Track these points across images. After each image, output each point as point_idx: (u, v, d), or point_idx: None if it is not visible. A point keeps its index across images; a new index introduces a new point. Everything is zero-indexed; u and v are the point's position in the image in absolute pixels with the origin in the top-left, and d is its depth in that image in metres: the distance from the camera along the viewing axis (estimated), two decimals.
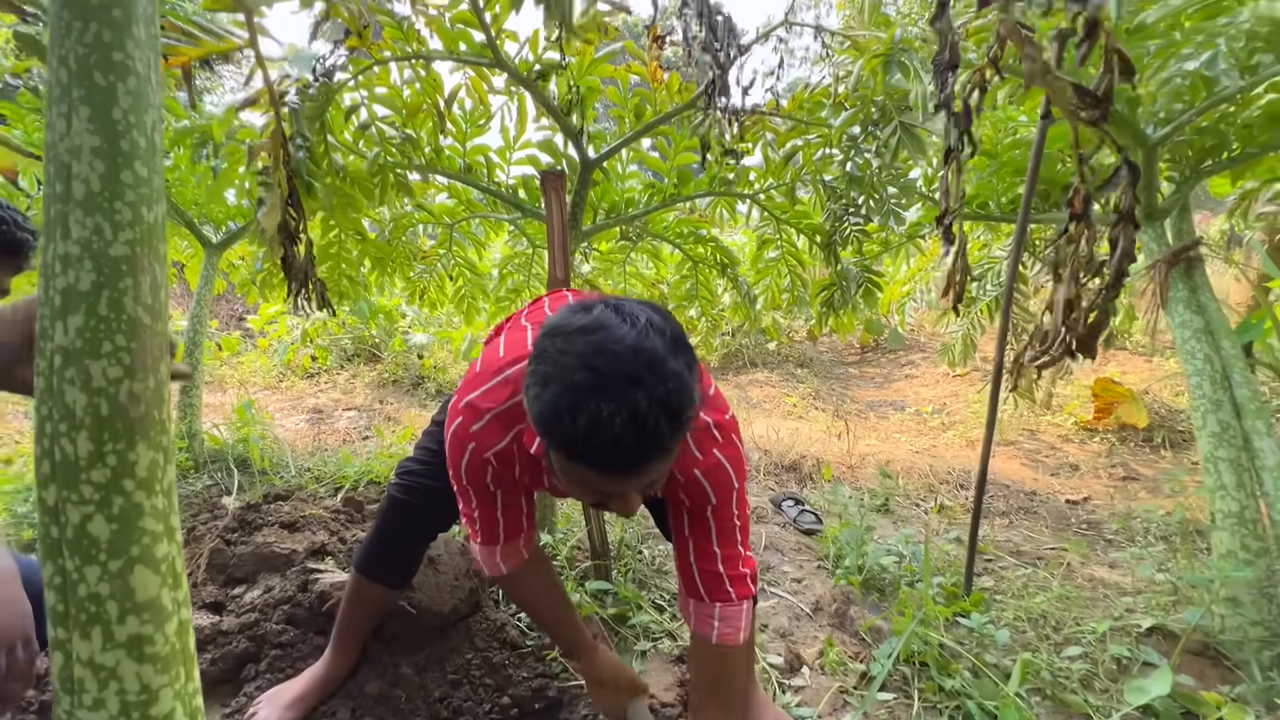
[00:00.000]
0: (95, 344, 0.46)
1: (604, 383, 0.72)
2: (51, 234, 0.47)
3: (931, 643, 1.42)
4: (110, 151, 0.48)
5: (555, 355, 0.75)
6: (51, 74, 0.49)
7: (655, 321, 0.77)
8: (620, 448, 0.73)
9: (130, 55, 0.50)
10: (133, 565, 0.46)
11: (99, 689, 0.45)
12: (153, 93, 0.52)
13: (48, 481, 0.46)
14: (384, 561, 1.35)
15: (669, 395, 0.73)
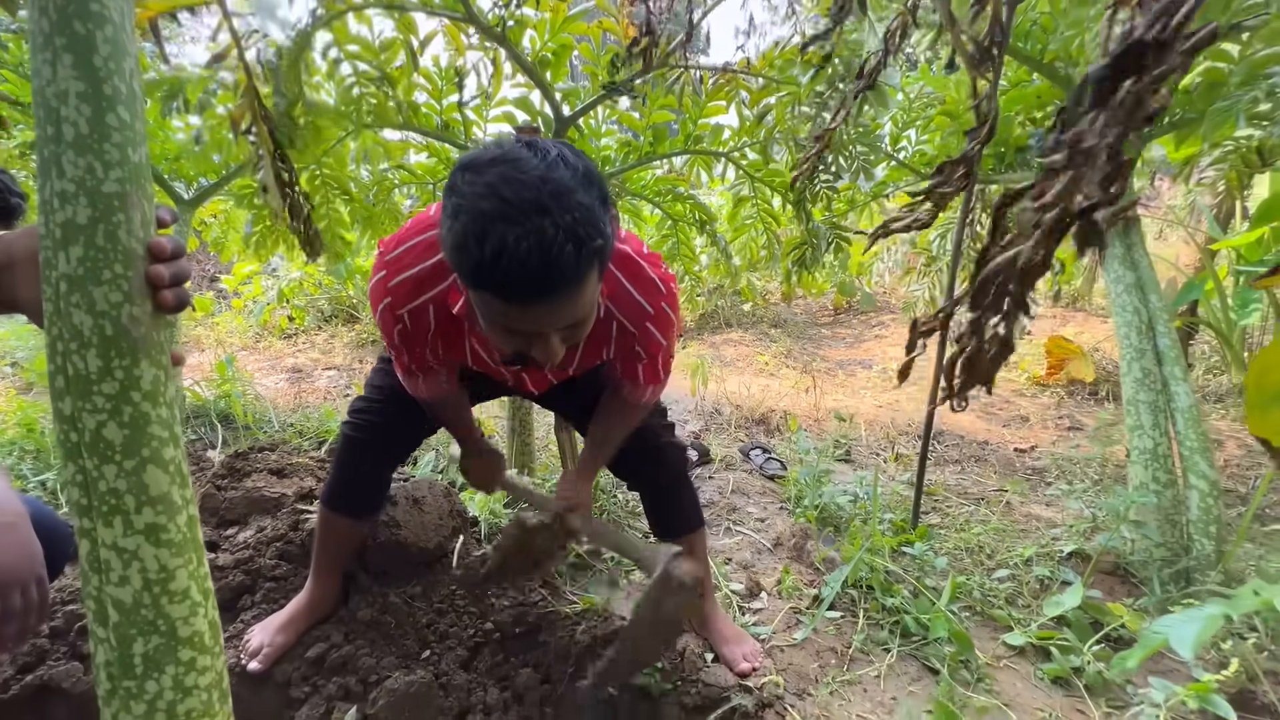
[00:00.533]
0: (96, 272, 0.52)
1: (510, 210, 0.72)
2: (47, 173, 0.52)
3: (877, 568, 1.55)
4: (94, 96, 0.53)
5: (465, 187, 0.76)
6: (33, 23, 0.54)
7: (566, 156, 0.79)
8: (527, 273, 0.74)
9: (105, 5, 0.54)
10: (145, 465, 0.54)
11: (123, 568, 0.53)
12: (129, 41, 0.57)
13: (63, 394, 0.52)
14: (345, 495, 1.43)
15: (575, 224, 0.74)
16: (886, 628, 1.45)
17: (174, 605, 0.55)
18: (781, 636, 1.46)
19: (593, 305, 0.89)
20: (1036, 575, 1.59)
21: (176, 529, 0.56)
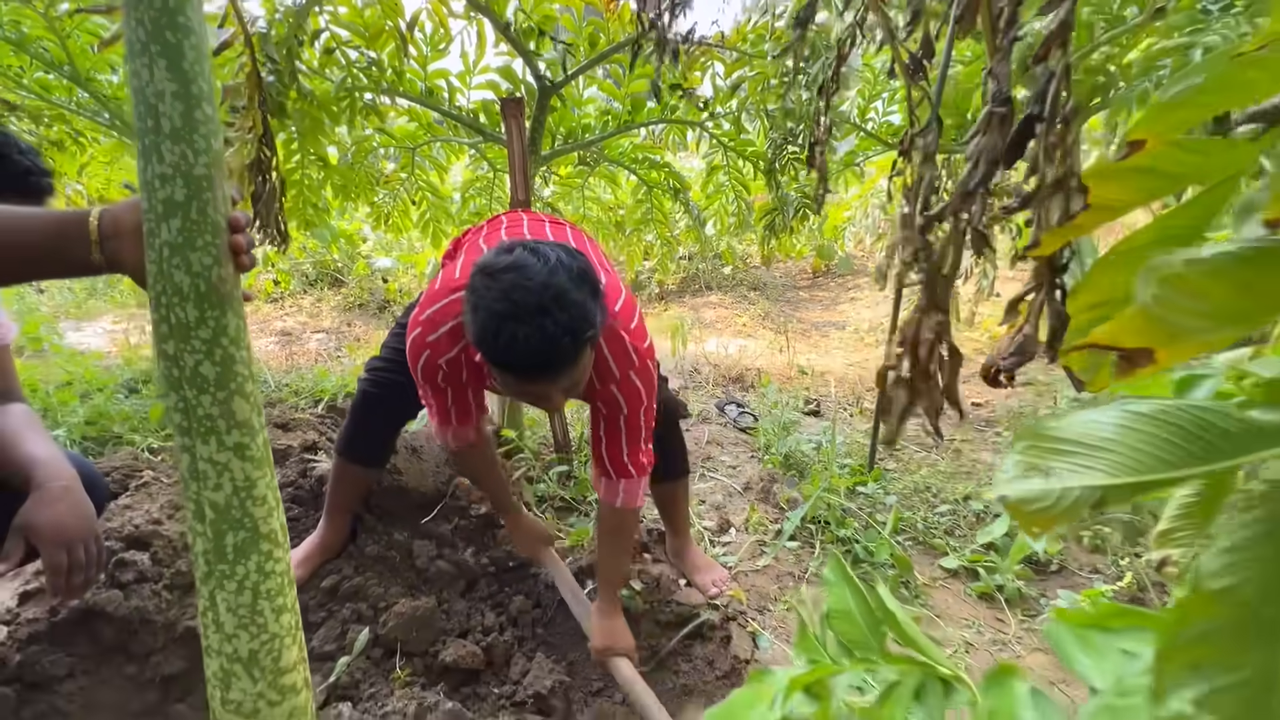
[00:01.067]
0: (191, 240, 0.64)
1: (519, 311, 0.94)
2: (149, 158, 0.64)
3: (833, 505, 1.75)
4: (185, 95, 0.65)
5: (482, 289, 0.97)
6: (130, 32, 0.65)
7: (564, 260, 0.99)
8: (534, 360, 0.96)
9: (189, 17, 0.66)
10: (232, 396, 0.67)
11: (217, 477, 0.67)
12: (205, 46, 0.68)
13: (166, 338, 0.65)
14: (359, 445, 1.59)
15: (571, 321, 0.95)
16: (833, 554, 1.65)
17: (256, 507, 0.69)
18: (746, 564, 1.66)
19: (587, 370, 1.10)
20: (973, 510, 1.80)
21: (256, 448, 0.70)
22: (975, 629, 1.45)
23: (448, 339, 1.23)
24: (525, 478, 1.96)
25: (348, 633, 1.48)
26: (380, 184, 2.80)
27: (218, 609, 0.68)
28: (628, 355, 1.23)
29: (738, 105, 2.34)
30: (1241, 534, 0.27)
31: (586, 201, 3.12)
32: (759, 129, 2.42)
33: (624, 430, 1.29)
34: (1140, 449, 0.28)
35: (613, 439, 1.29)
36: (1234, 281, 0.25)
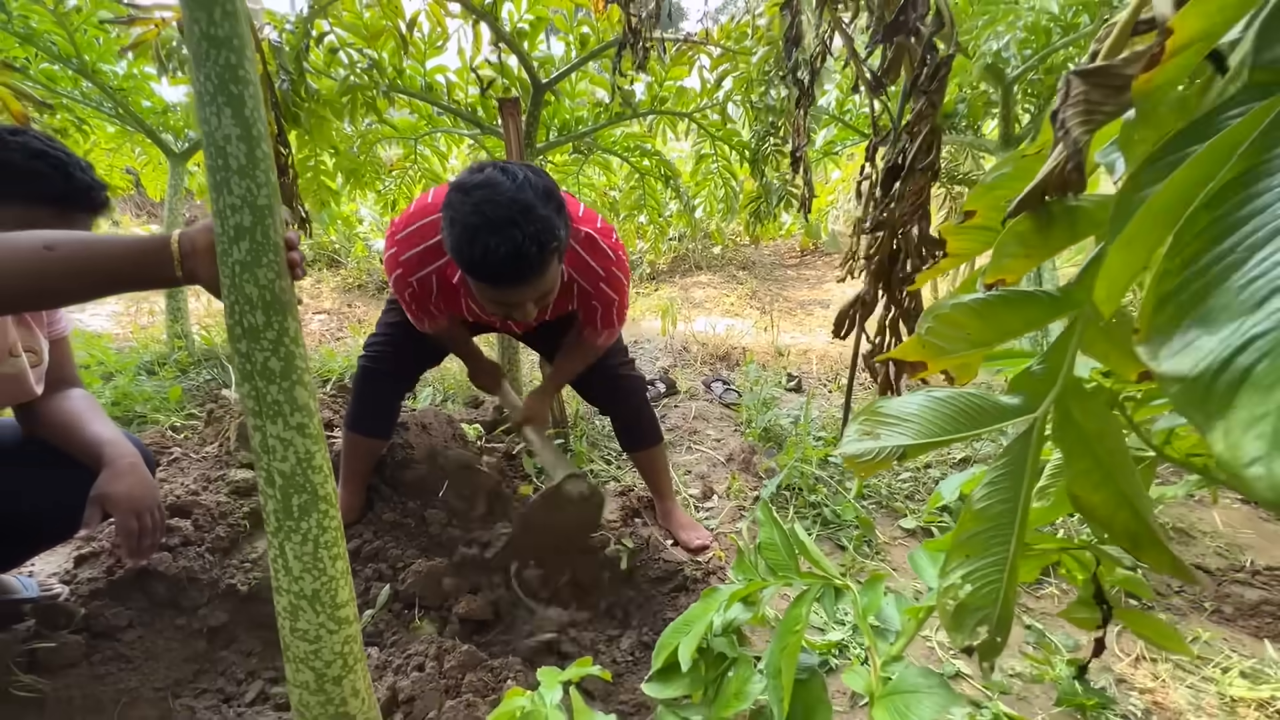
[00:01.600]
0: (258, 258, 0.79)
1: (490, 223, 1.04)
2: (220, 190, 0.78)
3: (806, 474, 1.93)
4: (247, 137, 0.78)
5: (457, 204, 1.09)
6: (198, 84, 0.78)
7: (530, 178, 1.11)
8: (504, 267, 1.06)
9: (247, 70, 0.79)
10: (294, 385, 0.82)
11: (283, 450, 0.83)
12: (259, 94, 0.82)
13: (240, 338, 0.80)
14: (365, 418, 1.75)
15: (538, 232, 1.07)
16: (810, 517, 1.84)
17: (315, 475, 0.85)
18: (726, 526, 1.84)
19: (555, 281, 1.24)
20: (933, 476, 1.99)
21: (313, 427, 0.85)
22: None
23: (419, 258, 1.38)
24: (526, 451, 2.13)
25: (370, 590, 1.66)
26: (385, 172, 2.91)
27: (286, 556, 0.85)
28: (605, 253, 1.43)
29: (724, 97, 2.46)
30: (993, 475, 0.44)
31: (581, 187, 3.24)
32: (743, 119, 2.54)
33: (614, 312, 1.52)
34: (933, 421, 0.44)
35: (606, 315, 1.52)
36: (978, 319, 0.40)
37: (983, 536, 0.43)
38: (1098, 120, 0.28)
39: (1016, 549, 0.42)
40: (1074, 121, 0.28)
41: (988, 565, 0.43)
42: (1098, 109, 0.28)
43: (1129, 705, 1.27)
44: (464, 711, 1.29)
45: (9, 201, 1.13)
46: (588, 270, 1.42)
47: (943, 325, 0.41)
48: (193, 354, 2.86)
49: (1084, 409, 0.42)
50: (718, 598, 0.63)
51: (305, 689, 0.89)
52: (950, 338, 0.42)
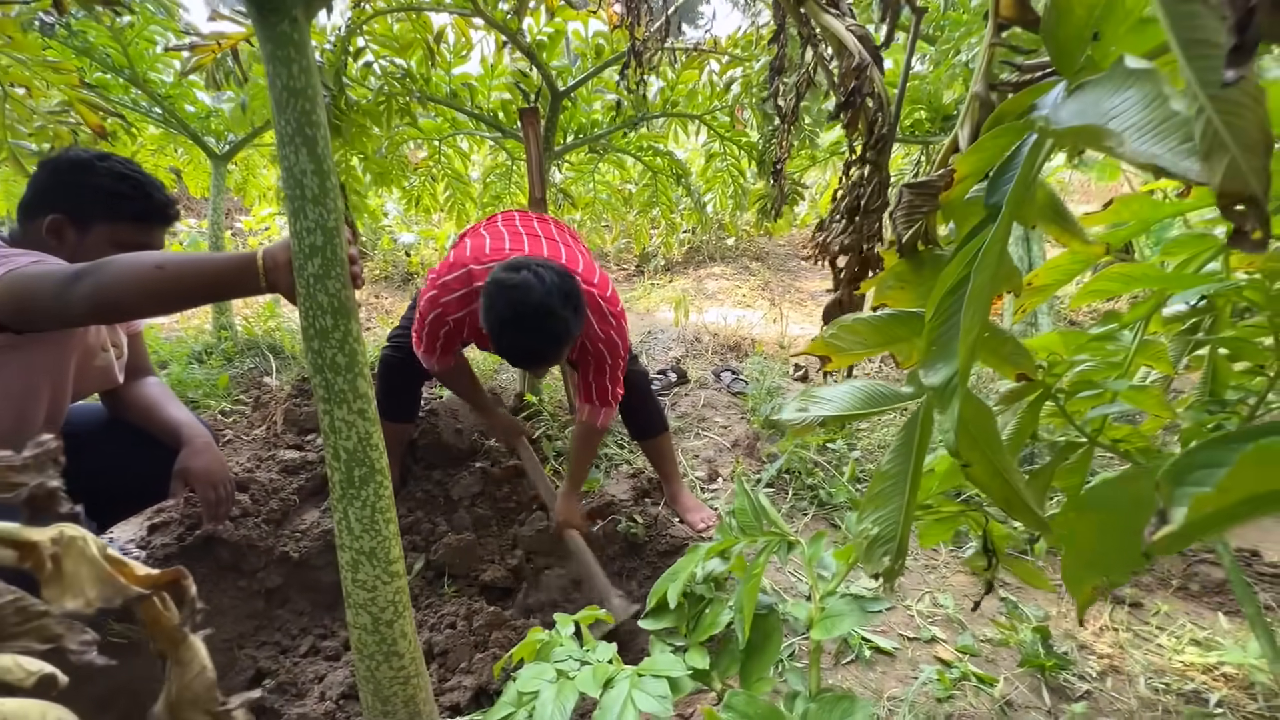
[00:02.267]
0: (328, 271, 0.95)
1: (518, 320, 1.35)
2: (297, 216, 0.94)
3: (804, 459, 2.08)
4: (319, 172, 0.94)
5: (496, 295, 1.38)
6: (279, 127, 0.94)
7: (557, 284, 1.36)
8: (526, 357, 1.43)
9: (319, 114, 0.95)
10: (356, 376, 0.99)
11: (347, 431, 0.99)
12: (328, 133, 0.98)
13: (313, 338, 0.97)
14: (391, 405, 1.94)
15: (556, 334, 1.36)
16: (807, 499, 1.99)
17: (372, 451, 1.02)
18: (729, 506, 1.99)
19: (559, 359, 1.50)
20: None
21: (371, 411, 1.02)
22: (911, 556, 1.78)
23: (457, 303, 1.63)
24: (544, 435, 2.30)
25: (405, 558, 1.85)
26: (411, 171, 3.08)
27: (349, 519, 1.02)
28: (607, 319, 1.64)
29: (732, 100, 2.58)
30: (893, 446, 0.58)
31: (597, 184, 3.38)
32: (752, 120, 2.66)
33: (607, 373, 1.69)
34: (849, 401, 0.59)
35: (599, 379, 1.70)
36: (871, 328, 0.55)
37: (886, 491, 0.58)
38: (917, 216, 0.42)
39: (910, 499, 0.57)
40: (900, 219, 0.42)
41: (890, 511, 0.58)
42: (918, 210, 0.42)
43: (1086, 667, 1.40)
44: (490, 662, 1.47)
45: (100, 219, 1.31)
46: (591, 332, 1.63)
47: (844, 332, 0.56)
48: (236, 344, 3.07)
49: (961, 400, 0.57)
50: (699, 553, 0.79)
51: (364, 630, 1.06)
52: (849, 342, 0.56)
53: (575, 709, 0.68)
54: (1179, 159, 0.24)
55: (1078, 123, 0.29)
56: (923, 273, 0.50)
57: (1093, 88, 0.31)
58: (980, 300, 0.40)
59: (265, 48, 0.93)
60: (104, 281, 0.95)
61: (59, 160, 1.32)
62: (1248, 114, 0.22)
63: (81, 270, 0.97)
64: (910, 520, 0.57)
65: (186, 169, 3.80)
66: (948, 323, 0.37)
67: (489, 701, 1.39)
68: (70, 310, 0.96)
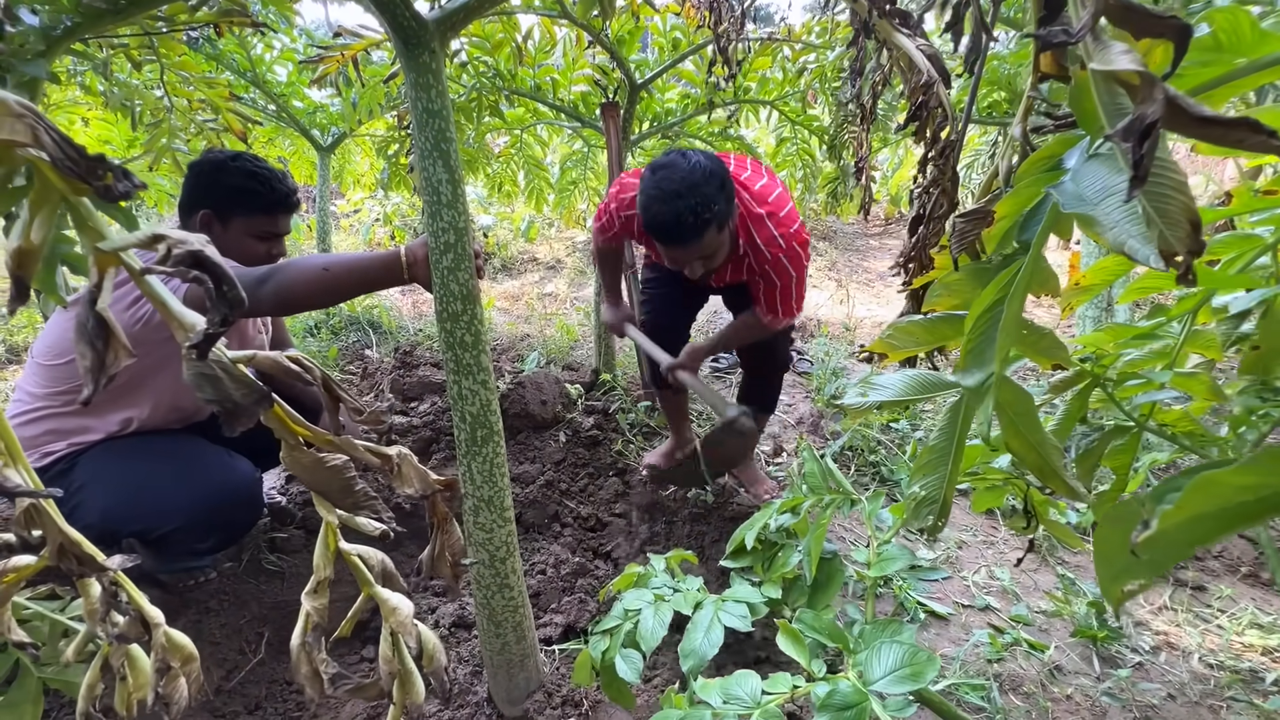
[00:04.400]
0: (458, 266, 1.14)
1: (661, 195, 1.40)
2: (435, 217, 1.13)
3: (867, 437, 2.17)
4: (452, 181, 1.13)
5: (646, 177, 1.46)
6: (418, 143, 1.13)
7: (702, 163, 1.42)
8: (667, 230, 1.42)
9: (451, 132, 1.13)
10: (480, 353, 1.18)
11: (471, 399, 1.19)
12: (458, 149, 1.16)
13: (445, 320, 1.16)
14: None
15: (696, 205, 1.39)
16: (869, 475, 2.09)
17: (492, 416, 1.21)
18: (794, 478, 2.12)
19: (715, 247, 1.51)
20: None
21: (491, 382, 1.22)
22: (970, 532, 1.86)
23: (629, 201, 1.69)
24: (620, 409, 2.48)
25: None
26: (494, 159, 3.29)
27: (472, 472, 1.22)
28: (774, 239, 1.59)
29: (805, 85, 2.63)
30: (940, 424, 0.71)
31: None
32: (824, 105, 2.70)
33: (779, 292, 1.66)
34: (902, 386, 0.71)
35: (769, 298, 1.68)
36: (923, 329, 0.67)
37: (933, 462, 0.71)
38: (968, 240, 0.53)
39: (953, 469, 0.69)
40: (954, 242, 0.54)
41: (935, 479, 0.70)
42: (968, 234, 0.53)
43: (1140, 641, 1.47)
44: (577, 605, 1.68)
45: (236, 211, 1.54)
46: (756, 249, 1.61)
47: (899, 333, 0.68)
48: (341, 319, 3.41)
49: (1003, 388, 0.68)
50: (773, 507, 0.94)
51: (482, 565, 1.27)
52: (904, 341, 0.69)
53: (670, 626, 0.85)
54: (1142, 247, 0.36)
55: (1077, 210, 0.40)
56: (968, 283, 0.62)
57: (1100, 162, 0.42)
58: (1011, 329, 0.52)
59: (409, 76, 1.11)
60: (284, 282, 1.18)
61: (201, 163, 1.55)
62: (1173, 201, 0.34)
63: (265, 275, 1.20)
64: (953, 486, 0.69)
65: (292, 159, 4.17)
66: (984, 335, 0.49)
67: (575, 636, 1.59)
68: (260, 306, 1.19)
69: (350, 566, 0.47)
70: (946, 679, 1.34)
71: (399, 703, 0.49)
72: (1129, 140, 0.34)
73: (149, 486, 1.42)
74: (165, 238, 0.34)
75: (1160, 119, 0.33)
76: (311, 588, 0.46)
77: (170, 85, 1.88)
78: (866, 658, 0.62)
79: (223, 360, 0.37)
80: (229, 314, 0.35)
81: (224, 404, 0.37)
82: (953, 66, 2.49)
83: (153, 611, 0.47)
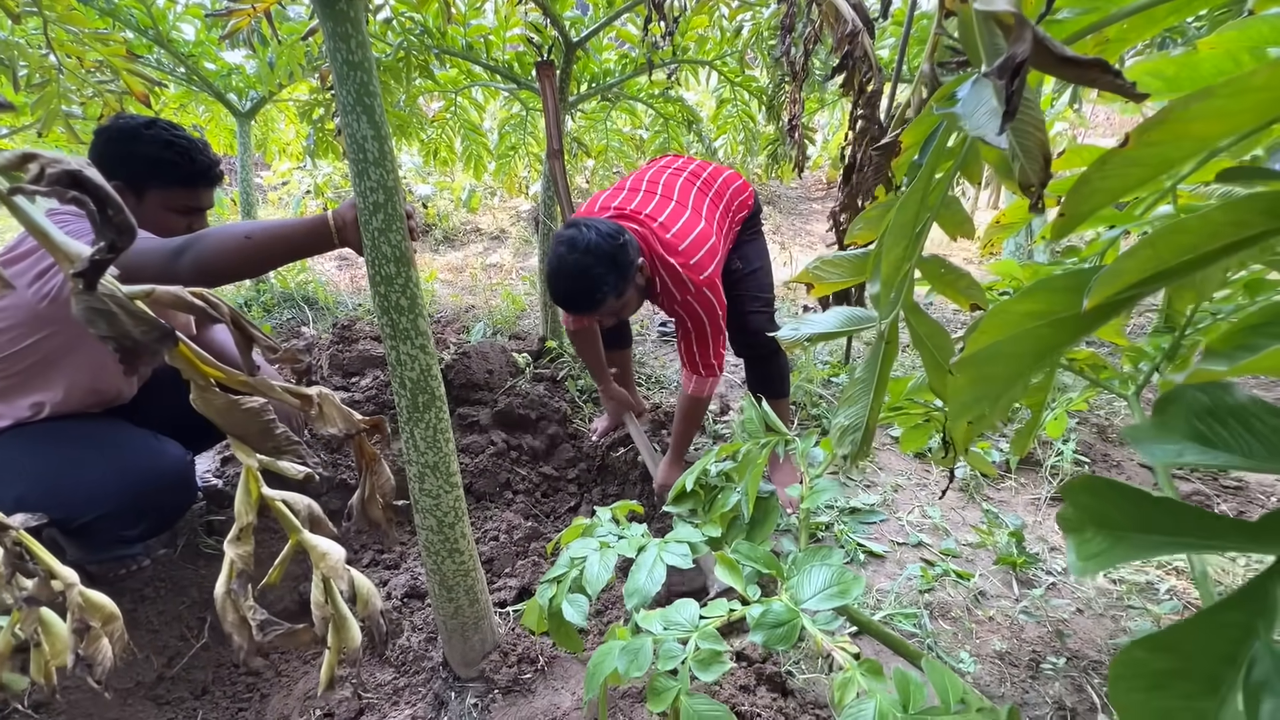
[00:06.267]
0: (389, 226, 1.10)
1: (557, 273, 1.52)
2: (361, 177, 1.09)
3: (809, 392, 2.24)
4: (378, 138, 1.08)
5: (553, 250, 1.55)
6: (341, 98, 1.07)
7: (596, 242, 1.50)
8: (566, 304, 1.59)
9: (376, 86, 1.07)
10: (417, 317, 1.15)
11: (410, 364, 1.17)
12: (382, 103, 1.11)
13: (378, 284, 1.13)
14: None
15: (588, 287, 1.51)
16: (810, 428, 2.16)
17: (432, 381, 1.19)
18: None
19: (617, 309, 1.64)
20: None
21: (429, 346, 1.19)
22: (905, 476, 1.97)
23: None
24: (568, 376, 2.48)
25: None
26: (428, 123, 3.16)
27: (415, 438, 1.21)
28: (684, 284, 1.66)
29: (741, 45, 2.62)
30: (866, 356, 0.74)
31: (609, 133, 3.44)
32: (761, 65, 2.71)
33: (694, 340, 1.71)
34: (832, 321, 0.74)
35: (688, 346, 1.74)
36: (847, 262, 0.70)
37: (856, 394, 0.74)
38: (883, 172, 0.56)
39: (875, 399, 0.73)
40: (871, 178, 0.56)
41: (858, 409, 0.74)
42: (881, 167, 0.56)
43: (1053, 564, 1.60)
44: (531, 567, 1.70)
45: (152, 185, 1.45)
46: (668, 290, 1.70)
47: (825, 266, 0.71)
48: (274, 296, 3.25)
49: (918, 319, 0.72)
50: (712, 454, 0.96)
51: (430, 530, 1.27)
52: (829, 273, 0.71)
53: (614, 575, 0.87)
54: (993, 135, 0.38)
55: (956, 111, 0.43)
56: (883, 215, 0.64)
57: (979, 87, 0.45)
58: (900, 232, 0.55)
59: (325, 25, 1.05)
60: (204, 253, 1.11)
61: (110, 130, 1.43)
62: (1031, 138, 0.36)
63: (182, 245, 1.13)
64: (875, 414, 0.73)
65: (208, 126, 3.89)
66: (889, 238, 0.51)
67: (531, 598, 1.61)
68: (178, 278, 1.12)
69: (275, 512, 0.46)
70: (883, 610, 1.43)
71: (335, 648, 0.49)
72: (1003, 78, 0.36)
73: (67, 473, 1.35)
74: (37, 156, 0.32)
75: (1028, 58, 0.35)
76: (234, 535, 0.45)
77: (57, 42, 1.71)
78: (798, 581, 0.66)
79: (116, 294, 0.36)
80: (116, 240, 0.33)
81: (121, 341, 0.35)
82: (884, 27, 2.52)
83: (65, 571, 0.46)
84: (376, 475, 0.52)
